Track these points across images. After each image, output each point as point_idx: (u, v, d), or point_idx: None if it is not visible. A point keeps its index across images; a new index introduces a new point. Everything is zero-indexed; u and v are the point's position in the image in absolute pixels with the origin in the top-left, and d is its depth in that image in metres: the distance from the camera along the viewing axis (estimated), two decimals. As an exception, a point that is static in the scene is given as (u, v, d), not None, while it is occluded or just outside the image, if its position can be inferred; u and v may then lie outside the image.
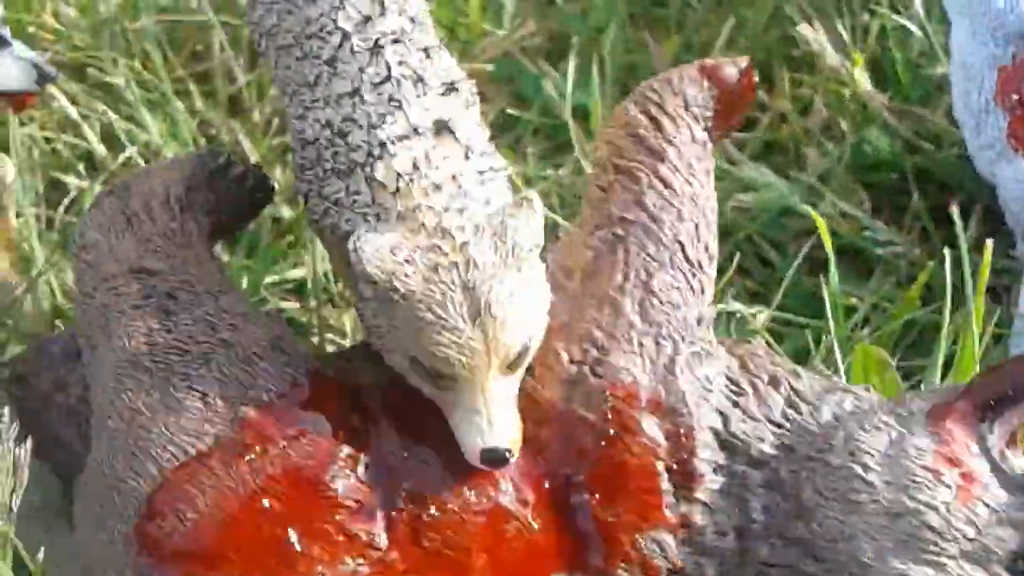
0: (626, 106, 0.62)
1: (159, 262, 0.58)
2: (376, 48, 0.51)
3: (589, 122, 0.76)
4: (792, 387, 0.58)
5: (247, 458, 0.53)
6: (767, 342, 0.67)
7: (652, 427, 0.56)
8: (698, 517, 0.55)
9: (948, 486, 0.53)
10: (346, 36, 0.52)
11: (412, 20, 0.53)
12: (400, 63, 0.51)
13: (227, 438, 0.53)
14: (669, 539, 0.55)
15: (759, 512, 0.55)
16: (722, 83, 0.62)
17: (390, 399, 0.56)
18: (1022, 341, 0.67)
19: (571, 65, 0.77)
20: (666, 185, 0.60)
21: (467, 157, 0.51)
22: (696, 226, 0.59)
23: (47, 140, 0.77)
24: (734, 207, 0.74)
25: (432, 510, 0.53)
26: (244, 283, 0.73)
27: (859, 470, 0.54)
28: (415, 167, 0.50)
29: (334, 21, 0.52)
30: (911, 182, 0.73)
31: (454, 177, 0.51)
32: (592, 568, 0.54)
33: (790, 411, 0.57)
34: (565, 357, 0.57)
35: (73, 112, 0.76)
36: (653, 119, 0.61)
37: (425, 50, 0.53)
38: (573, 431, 0.56)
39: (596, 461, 0.55)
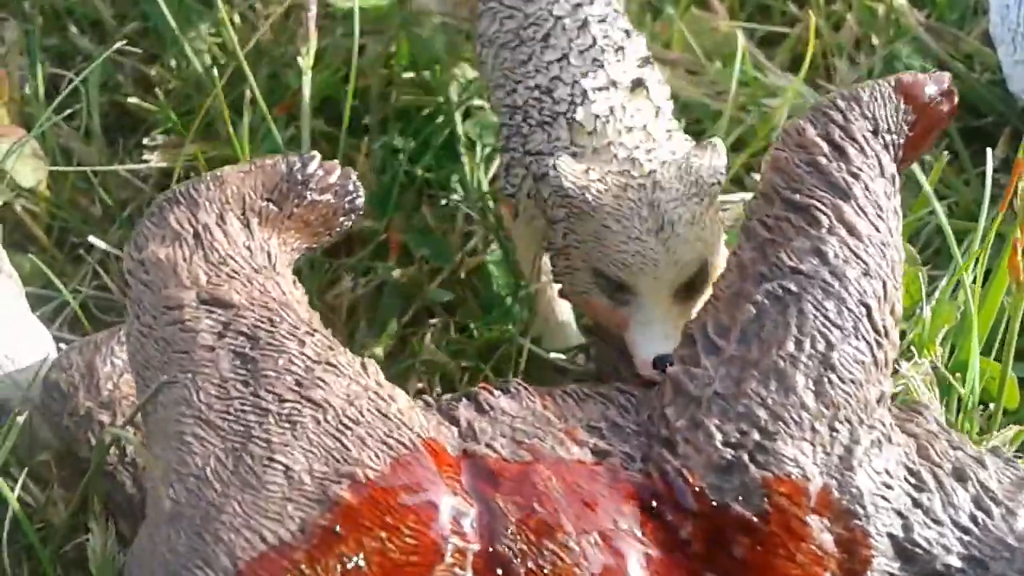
0: (802, 126, 0.51)
1: (235, 292, 0.48)
2: (584, 24, 0.58)
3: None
4: (980, 482, 0.48)
5: (338, 552, 0.44)
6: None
7: (821, 531, 0.47)
8: (867, 645, 0.46)
9: None
10: (559, 19, 0.58)
11: (615, 9, 0.60)
12: (604, 36, 0.58)
13: (315, 525, 0.44)
14: (833, 668, 0.46)
15: None
16: (919, 104, 0.51)
17: (513, 475, 0.47)
18: None
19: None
20: (851, 231, 0.49)
21: (656, 115, 0.56)
22: (884, 284, 0.49)
23: (56, 14, 0.76)
24: (760, 112, 0.71)
25: (556, 620, 0.45)
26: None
27: None
28: (611, 112, 0.55)
29: (550, 11, 0.59)
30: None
31: (645, 127, 0.55)
32: None
33: (979, 514, 0.48)
34: (719, 437, 0.47)
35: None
36: (836, 146, 0.50)
37: (626, 31, 0.59)
38: (724, 529, 0.47)
39: (751, 568, 0.46)
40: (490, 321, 0.65)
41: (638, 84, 0.56)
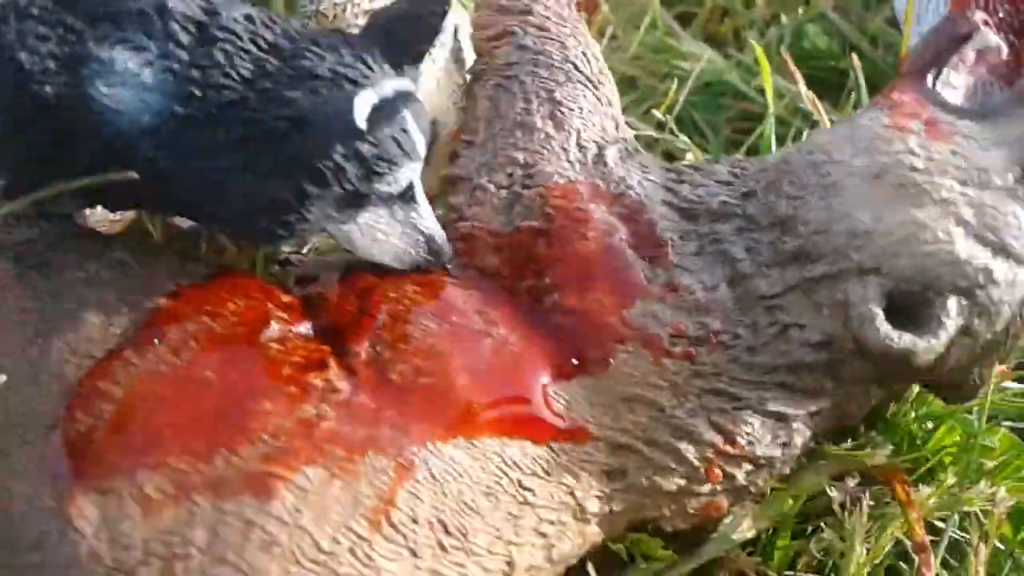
0: None
1: (25, 232, 0.52)
2: None
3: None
4: (730, 160, 0.55)
5: (166, 338, 0.46)
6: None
7: (601, 213, 0.51)
8: (681, 279, 0.49)
9: (916, 132, 0.49)
10: None
11: None
12: None
13: (138, 331, 0.46)
14: (659, 308, 0.49)
15: (742, 254, 0.49)
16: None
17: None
18: None
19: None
20: (541, 29, 0.59)
21: None
22: (583, 52, 0.58)
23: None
24: (672, 74, 0.73)
25: (393, 344, 0.47)
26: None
27: (821, 156, 0.49)
28: None
29: None
30: (852, 77, 0.70)
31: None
32: (591, 360, 0.47)
33: (736, 168, 0.53)
34: (492, 187, 0.53)
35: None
36: None
37: None
38: (522, 243, 0.51)
39: (556, 260, 0.50)
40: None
41: None
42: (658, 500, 0.47)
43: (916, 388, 0.54)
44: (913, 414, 0.55)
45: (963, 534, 0.53)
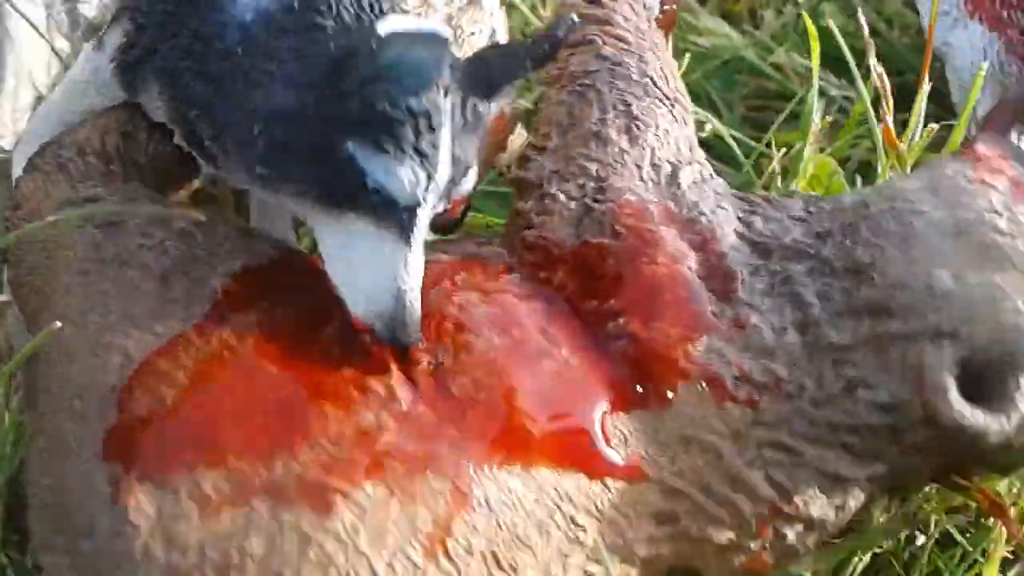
0: (563, 2, 0.61)
1: (93, 189, 0.52)
2: None
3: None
4: (804, 196, 0.54)
5: (230, 324, 0.45)
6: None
7: (672, 237, 0.50)
8: (750, 317, 0.48)
9: (1000, 191, 0.48)
10: None
11: None
12: None
13: (201, 312, 0.45)
14: (725, 345, 0.48)
15: (814, 299, 0.49)
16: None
17: None
18: None
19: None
20: (620, 40, 0.57)
21: None
22: (662, 67, 0.57)
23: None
24: (688, 50, 0.72)
25: (455, 353, 0.46)
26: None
27: (903, 205, 0.49)
28: None
29: None
30: (869, 58, 0.66)
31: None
32: (652, 393, 0.47)
33: (811, 206, 0.52)
34: (563, 197, 0.52)
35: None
36: (591, 2, 0.60)
37: None
38: (590, 260, 0.50)
39: (623, 282, 0.49)
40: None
41: None
42: (704, 551, 0.46)
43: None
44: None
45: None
